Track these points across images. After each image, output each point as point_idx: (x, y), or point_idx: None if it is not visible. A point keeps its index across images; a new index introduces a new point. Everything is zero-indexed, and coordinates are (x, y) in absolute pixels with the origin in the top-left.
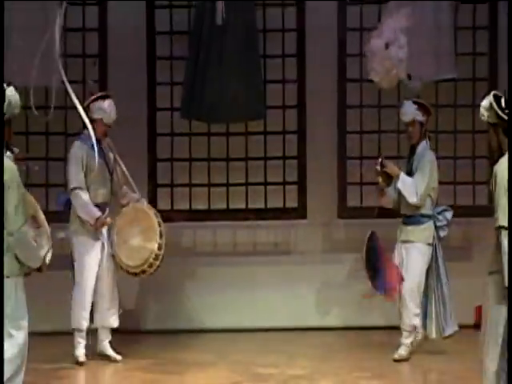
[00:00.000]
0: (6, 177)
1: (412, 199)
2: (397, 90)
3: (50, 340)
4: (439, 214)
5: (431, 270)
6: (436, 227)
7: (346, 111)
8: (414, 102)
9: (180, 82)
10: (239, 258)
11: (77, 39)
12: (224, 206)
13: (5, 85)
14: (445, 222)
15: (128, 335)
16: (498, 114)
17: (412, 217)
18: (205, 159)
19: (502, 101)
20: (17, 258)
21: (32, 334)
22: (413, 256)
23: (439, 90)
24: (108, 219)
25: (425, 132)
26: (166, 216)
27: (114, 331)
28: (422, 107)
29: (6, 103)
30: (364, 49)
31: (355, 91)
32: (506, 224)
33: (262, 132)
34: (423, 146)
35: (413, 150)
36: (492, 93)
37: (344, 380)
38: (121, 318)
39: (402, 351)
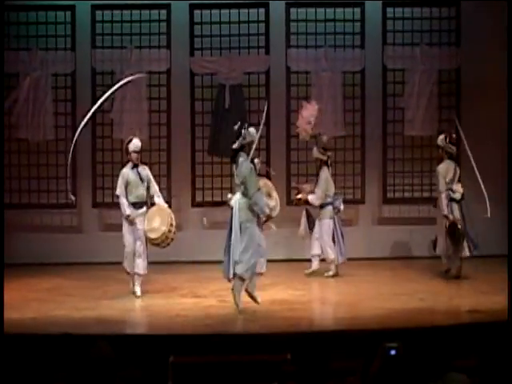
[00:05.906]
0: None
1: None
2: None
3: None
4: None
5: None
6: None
7: (291, 152)
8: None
9: (207, 136)
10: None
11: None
12: None
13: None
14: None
15: (183, 264)
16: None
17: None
18: (220, 175)
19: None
20: (252, 211)
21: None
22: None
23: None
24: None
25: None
26: (200, 203)
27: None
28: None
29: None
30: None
31: (295, 142)
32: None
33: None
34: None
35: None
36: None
37: (291, 285)
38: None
39: (314, 266)
